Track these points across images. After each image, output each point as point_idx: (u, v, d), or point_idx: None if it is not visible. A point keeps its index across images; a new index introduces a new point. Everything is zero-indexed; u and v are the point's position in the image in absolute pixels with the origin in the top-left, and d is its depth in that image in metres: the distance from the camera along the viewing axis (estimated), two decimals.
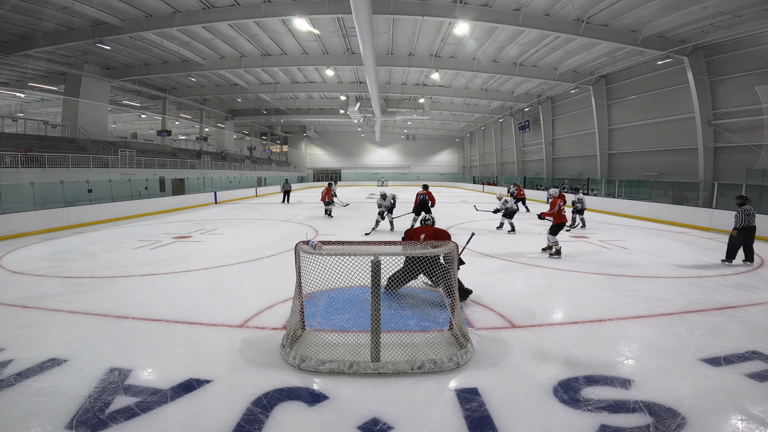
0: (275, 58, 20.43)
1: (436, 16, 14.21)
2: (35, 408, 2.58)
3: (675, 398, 2.70)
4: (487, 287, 5.34)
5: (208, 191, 21.16)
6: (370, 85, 20.56)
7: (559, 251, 7.28)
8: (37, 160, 15.45)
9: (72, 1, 13.31)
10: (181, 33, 16.91)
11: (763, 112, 14.17)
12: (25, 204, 10.94)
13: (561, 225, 7.33)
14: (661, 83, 18.73)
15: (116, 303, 4.70)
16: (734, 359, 3.26)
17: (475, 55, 19.58)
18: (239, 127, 43.13)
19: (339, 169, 51.40)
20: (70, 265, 6.69)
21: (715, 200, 11.59)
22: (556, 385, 2.87)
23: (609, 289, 5.32)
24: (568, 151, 27.77)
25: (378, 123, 36.84)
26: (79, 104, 21.03)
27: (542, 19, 14.58)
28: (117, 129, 38.92)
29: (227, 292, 5.15)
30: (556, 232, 7.32)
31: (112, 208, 13.30)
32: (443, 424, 2.45)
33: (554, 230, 7.33)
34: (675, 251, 7.98)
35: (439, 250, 3.35)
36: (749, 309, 4.53)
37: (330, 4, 13.81)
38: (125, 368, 3.10)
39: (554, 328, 3.97)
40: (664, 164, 19.21)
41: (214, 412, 2.55)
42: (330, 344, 3.35)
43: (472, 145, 49.74)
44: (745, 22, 13.38)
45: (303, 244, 3.40)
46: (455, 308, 3.52)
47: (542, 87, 25.75)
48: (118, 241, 9.14)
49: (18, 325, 4.05)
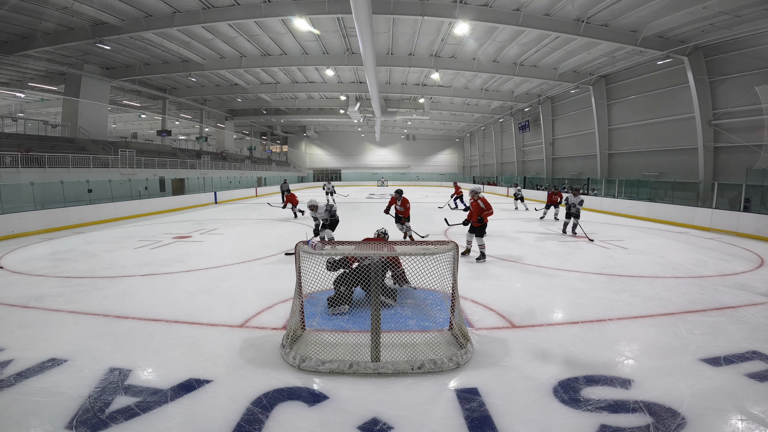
0: (275, 58, 20.43)
1: (436, 16, 14.20)
2: (35, 408, 2.58)
3: (675, 398, 2.69)
4: (487, 287, 5.34)
5: (208, 191, 21.16)
6: (370, 85, 20.56)
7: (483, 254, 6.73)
8: (37, 160, 15.44)
9: (72, 1, 13.30)
10: (181, 33, 16.90)
11: (763, 112, 14.15)
12: (25, 204, 10.94)
13: (484, 226, 6.83)
14: (661, 83, 18.72)
15: (116, 303, 4.70)
16: (734, 359, 3.26)
17: (475, 55, 19.58)
18: (239, 127, 43.12)
19: (339, 169, 51.41)
20: (70, 265, 6.69)
21: (715, 200, 11.60)
22: (556, 385, 2.87)
23: (609, 289, 5.31)
24: (568, 151, 27.76)
25: (378, 123, 36.83)
26: (79, 104, 21.02)
27: (542, 19, 14.57)
28: (117, 129, 38.91)
29: (227, 292, 5.15)
30: (482, 234, 6.82)
31: (112, 208, 13.30)
32: (443, 424, 2.45)
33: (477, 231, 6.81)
34: (675, 251, 7.97)
35: (439, 250, 3.35)
36: (749, 309, 4.53)
37: (330, 4, 13.81)
38: (125, 368, 3.10)
39: (554, 328, 3.97)
40: (664, 164, 19.20)
41: (214, 412, 2.55)
42: (330, 344, 3.35)
43: (472, 145, 49.72)
44: (745, 22, 13.37)
45: (303, 244, 3.40)
46: (455, 308, 3.52)
47: (542, 87, 25.74)
48: (118, 241, 9.13)
49: (18, 325, 4.05)
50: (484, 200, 6.81)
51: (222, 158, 33.26)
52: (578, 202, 9.53)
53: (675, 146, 18.39)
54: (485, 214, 6.72)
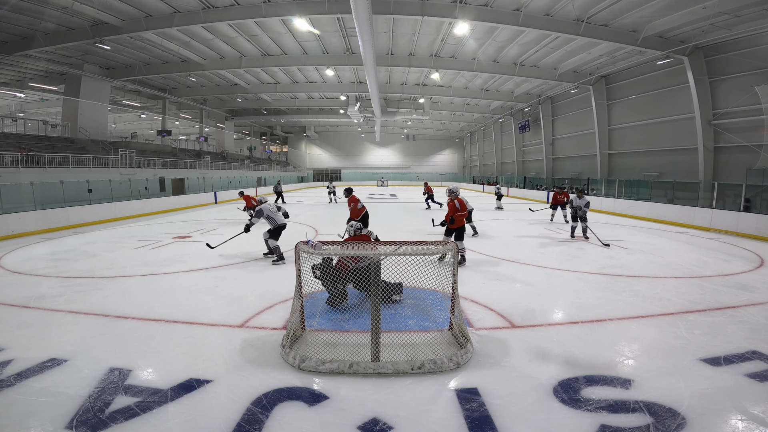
0: (275, 58, 20.43)
1: (436, 16, 14.21)
2: (35, 408, 2.58)
3: (675, 398, 2.69)
4: (487, 287, 5.34)
5: (208, 191, 21.17)
6: (370, 85, 20.57)
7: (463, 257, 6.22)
8: (37, 160, 15.45)
9: (72, 1, 13.31)
10: (181, 33, 16.91)
11: (763, 112, 14.16)
12: (25, 204, 10.94)
13: (462, 229, 6.41)
14: (661, 83, 18.73)
15: (116, 303, 4.70)
16: (734, 359, 3.26)
17: (475, 55, 19.58)
18: (239, 127, 43.14)
19: (339, 169, 51.44)
20: (70, 265, 6.69)
21: (715, 200, 11.60)
22: (556, 385, 2.87)
23: (609, 289, 5.31)
24: (568, 151, 27.77)
25: (378, 123, 36.85)
26: (79, 104, 21.03)
27: (542, 19, 14.58)
28: (117, 129, 38.91)
29: (227, 292, 5.15)
30: (460, 237, 6.41)
31: (112, 208, 13.30)
32: (443, 424, 2.45)
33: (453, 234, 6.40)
34: (675, 251, 7.97)
35: (439, 250, 3.35)
36: (749, 309, 4.53)
37: (330, 4, 13.82)
38: (125, 368, 3.10)
39: (554, 328, 3.97)
40: (664, 164, 19.21)
41: (214, 412, 2.55)
42: (330, 344, 3.35)
43: (472, 145, 49.75)
44: (745, 22, 13.38)
45: (303, 244, 3.40)
46: (455, 308, 3.52)
47: (542, 87, 25.75)
48: (118, 241, 9.13)
49: (18, 325, 4.05)
50: (461, 201, 6.46)
51: (222, 158, 33.27)
52: (584, 204, 8.77)
53: (675, 146, 18.39)
54: (458, 215, 6.36)
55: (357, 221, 5.27)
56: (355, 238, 4.87)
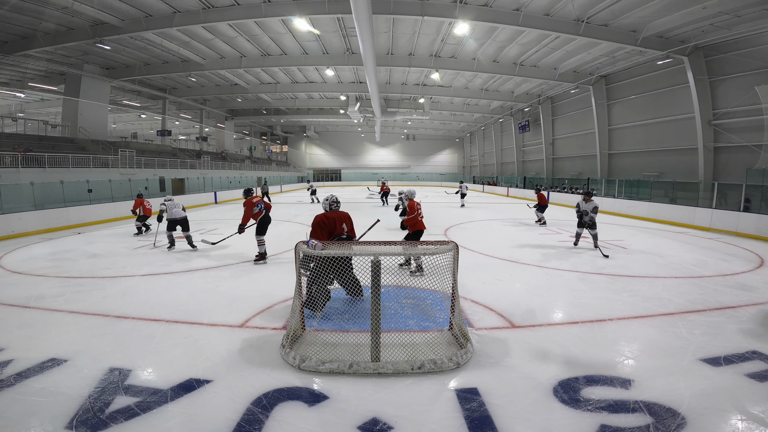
0: (275, 58, 20.43)
1: (436, 16, 14.21)
2: (35, 408, 2.58)
3: (675, 398, 2.70)
4: (487, 287, 5.34)
5: (208, 191, 21.17)
6: (370, 85, 20.56)
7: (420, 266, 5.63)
8: (37, 160, 15.45)
9: (72, 1, 13.31)
10: (181, 33, 16.91)
11: (763, 112, 14.16)
12: (25, 204, 10.94)
13: (420, 233, 6.02)
14: (661, 83, 18.73)
15: (116, 303, 4.70)
16: (734, 359, 3.26)
17: (475, 55, 19.58)
18: (239, 127, 43.13)
19: (339, 169, 51.39)
20: (70, 265, 6.69)
21: (715, 200, 11.60)
22: (556, 385, 2.87)
23: (609, 289, 5.31)
24: (568, 151, 27.76)
25: (378, 123, 36.83)
26: (79, 104, 21.03)
27: (542, 19, 14.57)
28: (117, 129, 38.91)
29: (227, 292, 5.15)
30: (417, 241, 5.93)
31: (112, 208, 13.30)
32: (443, 424, 2.45)
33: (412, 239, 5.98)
34: (675, 251, 7.97)
35: (439, 250, 3.35)
36: (749, 309, 4.53)
37: (330, 4, 13.81)
38: (125, 368, 3.10)
39: (554, 328, 3.97)
40: (664, 164, 19.21)
41: (214, 412, 2.55)
42: (330, 344, 3.35)
43: (472, 145, 49.71)
44: (745, 22, 13.38)
45: (303, 244, 3.40)
46: (455, 308, 3.51)
47: (542, 87, 25.74)
48: (118, 241, 9.13)
49: (18, 325, 4.05)
50: (411, 204, 6.10)
51: (222, 158, 33.26)
52: (591, 208, 7.83)
53: (675, 146, 18.39)
54: (407, 219, 6.08)
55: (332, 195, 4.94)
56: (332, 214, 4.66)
